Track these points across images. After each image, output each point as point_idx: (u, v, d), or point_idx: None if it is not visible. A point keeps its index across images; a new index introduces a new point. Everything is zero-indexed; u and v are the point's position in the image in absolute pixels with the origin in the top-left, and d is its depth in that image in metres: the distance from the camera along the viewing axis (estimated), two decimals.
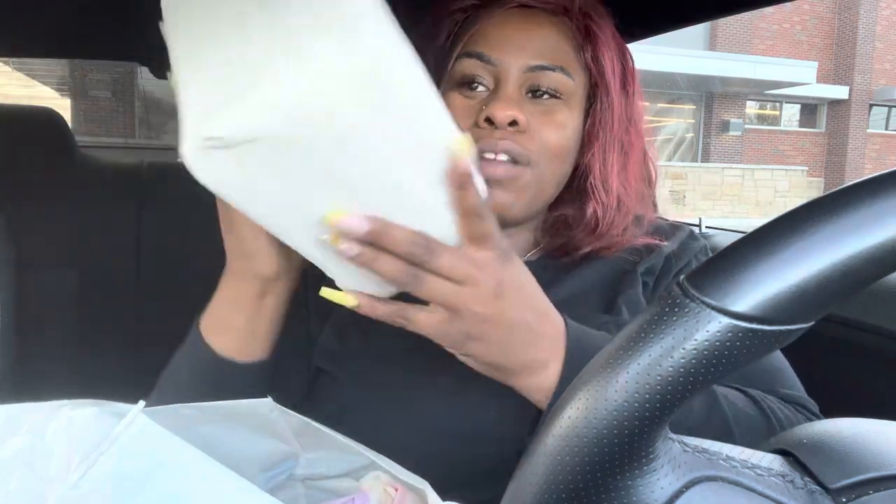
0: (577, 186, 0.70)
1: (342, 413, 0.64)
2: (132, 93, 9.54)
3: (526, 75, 0.65)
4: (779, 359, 0.68)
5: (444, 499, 0.43)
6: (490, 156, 0.63)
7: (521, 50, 0.65)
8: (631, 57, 0.72)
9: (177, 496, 0.32)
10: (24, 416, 0.33)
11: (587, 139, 0.69)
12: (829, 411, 0.32)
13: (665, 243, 0.72)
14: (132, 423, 0.31)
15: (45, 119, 1.44)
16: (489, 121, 0.63)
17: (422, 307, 0.49)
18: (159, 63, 1.62)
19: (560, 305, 0.63)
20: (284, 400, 0.50)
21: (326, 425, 0.50)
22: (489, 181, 0.62)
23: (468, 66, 0.66)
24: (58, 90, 9.27)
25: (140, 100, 9.62)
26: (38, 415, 0.33)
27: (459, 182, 0.46)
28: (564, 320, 0.55)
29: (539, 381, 0.53)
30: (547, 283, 0.67)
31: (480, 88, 0.66)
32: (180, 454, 0.32)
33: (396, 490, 0.45)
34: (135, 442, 0.31)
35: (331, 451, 0.49)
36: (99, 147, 3.82)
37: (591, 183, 0.69)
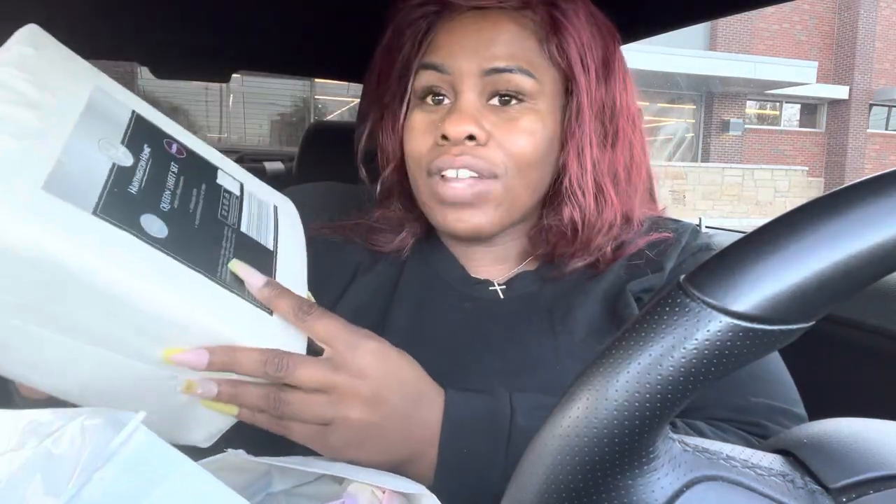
0: (555, 190, 0.65)
1: None
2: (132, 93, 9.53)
3: (484, 81, 0.61)
4: (772, 371, 0.61)
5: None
6: (451, 174, 0.60)
7: (475, 54, 0.61)
8: (616, 40, 0.66)
9: None
10: (40, 423, 0.32)
11: (564, 138, 0.64)
12: (830, 411, 0.32)
13: (668, 260, 0.66)
14: (131, 435, 0.29)
15: None
16: (447, 137, 0.60)
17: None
18: (159, 63, 1.62)
19: (559, 323, 0.62)
20: None
21: None
22: (455, 203, 0.61)
23: (426, 78, 0.63)
24: None
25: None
26: (53, 422, 0.31)
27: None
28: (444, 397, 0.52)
29: (416, 472, 0.50)
30: (541, 298, 0.65)
31: (446, 101, 0.63)
32: (180, 469, 0.30)
33: (384, 492, 0.44)
34: (134, 456, 0.29)
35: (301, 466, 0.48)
36: None
37: (565, 186, 0.63)
